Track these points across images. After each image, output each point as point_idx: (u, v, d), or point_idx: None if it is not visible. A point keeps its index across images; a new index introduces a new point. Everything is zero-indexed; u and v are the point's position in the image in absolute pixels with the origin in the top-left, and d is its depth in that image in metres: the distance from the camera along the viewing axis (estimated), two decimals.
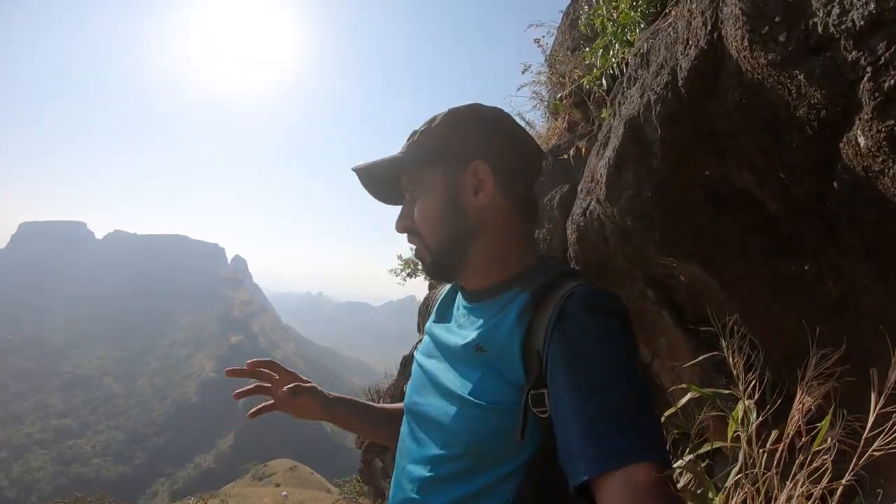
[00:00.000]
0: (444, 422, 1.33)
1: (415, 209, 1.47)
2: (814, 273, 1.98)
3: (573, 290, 1.25)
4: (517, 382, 1.24)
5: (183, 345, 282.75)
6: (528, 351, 1.24)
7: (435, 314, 1.65)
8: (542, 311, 1.26)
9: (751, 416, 2.16)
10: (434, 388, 1.43)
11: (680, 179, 2.08)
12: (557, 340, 1.19)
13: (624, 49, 3.59)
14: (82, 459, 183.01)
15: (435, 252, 1.46)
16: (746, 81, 1.59)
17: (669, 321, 3.13)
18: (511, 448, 1.23)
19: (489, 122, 1.47)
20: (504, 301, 1.38)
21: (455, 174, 1.43)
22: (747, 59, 1.49)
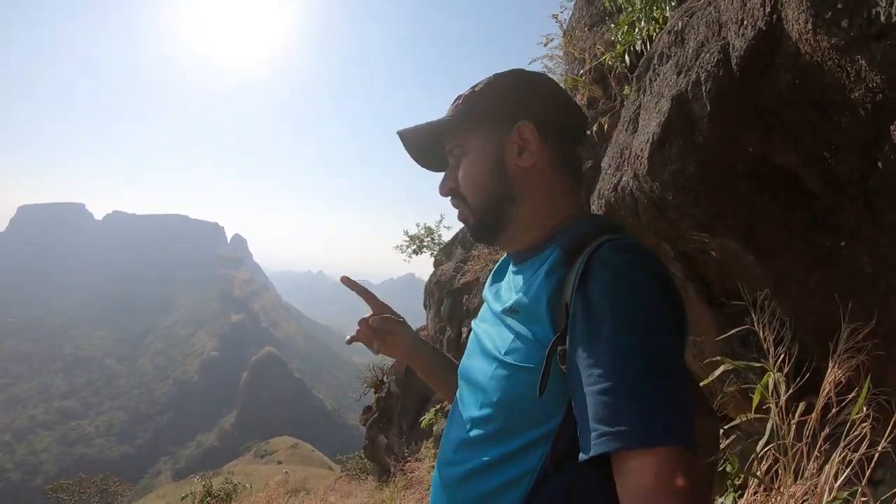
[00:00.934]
0: (482, 382, 1.35)
1: (458, 172, 1.48)
2: (850, 249, 2.02)
3: (602, 242, 1.22)
4: (545, 339, 1.21)
5: (184, 324, 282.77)
6: (557, 306, 1.22)
7: (490, 279, 1.67)
8: (575, 264, 1.23)
9: (780, 389, 2.20)
10: (479, 350, 1.44)
11: (724, 156, 2.12)
12: (581, 293, 1.16)
13: (650, 26, 3.61)
14: (86, 440, 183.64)
15: (479, 214, 1.47)
16: (803, 63, 1.64)
17: (694, 296, 3.16)
18: (539, 411, 1.22)
19: (533, 84, 1.48)
20: (540, 260, 1.36)
21: (499, 135, 1.44)
22: (808, 42, 1.53)
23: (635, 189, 2.75)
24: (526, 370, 1.23)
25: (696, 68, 2.12)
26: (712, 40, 2.13)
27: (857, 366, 1.96)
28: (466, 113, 1.46)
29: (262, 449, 66.98)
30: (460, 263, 11.45)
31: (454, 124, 1.48)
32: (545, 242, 1.41)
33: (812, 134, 1.84)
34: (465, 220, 1.52)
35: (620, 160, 3.08)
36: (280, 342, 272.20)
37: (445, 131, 1.51)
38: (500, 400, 1.28)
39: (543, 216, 1.44)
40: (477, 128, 1.46)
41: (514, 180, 1.43)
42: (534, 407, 1.21)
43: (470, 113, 1.46)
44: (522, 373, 1.24)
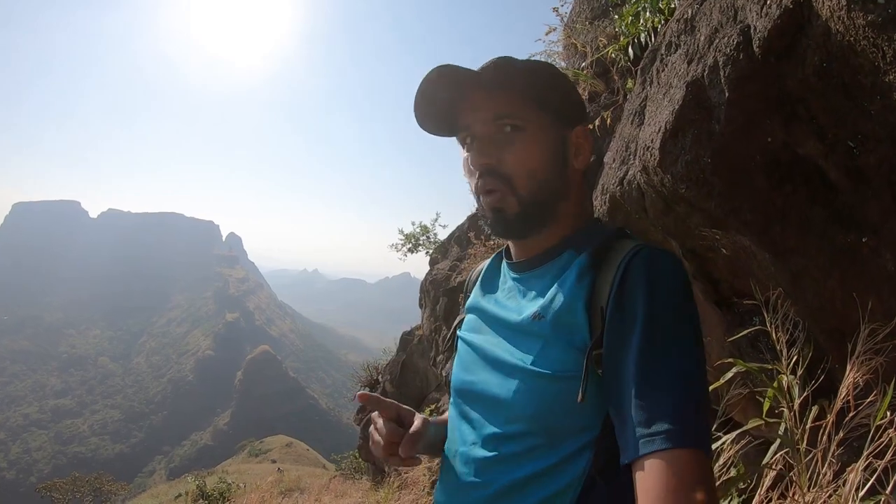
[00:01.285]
0: (504, 397, 1.26)
1: (507, 150, 1.32)
2: (872, 245, 1.94)
3: (638, 248, 1.20)
4: (582, 344, 1.18)
5: (179, 323, 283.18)
6: (593, 309, 1.19)
7: (480, 289, 1.57)
8: (606, 269, 1.21)
9: (794, 392, 2.14)
10: (488, 363, 1.36)
11: (741, 146, 2.03)
12: (621, 297, 1.15)
13: (655, 17, 3.53)
14: (80, 439, 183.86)
15: (527, 203, 1.32)
16: (833, 44, 1.55)
17: (700, 295, 3.09)
18: (576, 420, 1.18)
19: (577, 90, 1.43)
20: (557, 266, 1.33)
21: (565, 130, 1.38)
22: (842, 20, 1.44)
23: (643, 183, 2.67)
24: (562, 378, 1.18)
25: (713, 53, 2.02)
26: (728, 25, 2.04)
27: (876, 368, 1.89)
28: (536, 86, 1.34)
29: (257, 448, 66.95)
30: (456, 262, 11.38)
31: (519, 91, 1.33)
32: (558, 247, 1.37)
33: (838, 122, 1.75)
34: (499, 206, 1.34)
35: (626, 154, 3.01)
36: (275, 341, 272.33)
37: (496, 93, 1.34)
38: (535, 413, 1.21)
39: (572, 220, 1.40)
40: (539, 111, 1.35)
41: (566, 180, 1.38)
42: (574, 415, 1.18)
43: (540, 88, 1.34)
44: (559, 382, 1.19)
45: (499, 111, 1.32)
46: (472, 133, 1.37)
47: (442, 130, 1.47)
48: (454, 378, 1.48)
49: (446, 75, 1.33)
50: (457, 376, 1.46)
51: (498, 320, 1.40)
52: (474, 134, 1.36)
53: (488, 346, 1.38)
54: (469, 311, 1.57)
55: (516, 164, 1.32)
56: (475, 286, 1.62)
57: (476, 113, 1.35)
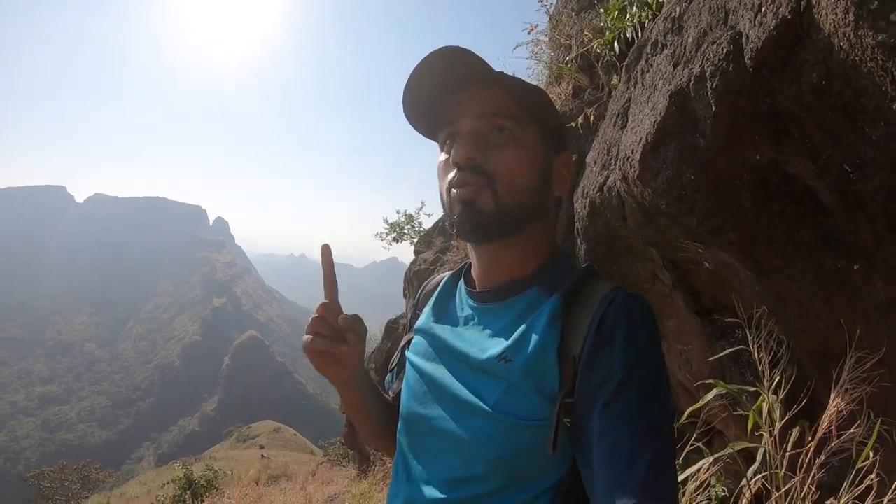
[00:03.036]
0: (463, 437, 1.21)
1: (499, 150, 1.27)
2: (863, 272, 1.84)
3: (613, 296, 1.18)
4: (550, 393, 1.15)
5: (166, 308, 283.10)
6: (564, 357, 1.16)
7: (432, 312, 1.47)
8: (577, 314, 1.19)
9: (775, 415, 2.11)
10: (443, 398, 1.29)
11: (727, 162, 1.90)
12: (598, 349, 1.12)
13: (642, 12, 3.42)
14: (68, 426, 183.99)
15: (504, 206, 1.26)
16: (834, 61, 1.40)
17: (681, 305, 3.01)
18: (542, 465, 1.16)
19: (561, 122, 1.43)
20: (523, 303, 1.28)
21: (552, 151, 1.36)
22: (847, 38, 1.28)
23: (623, 192, 2.56)
24: (526, 427, 1.16)
25: (700, 61, 1.88)
26: (717, 29, 1.90)
27: (861, 398, 1.85)
28: (531, 97, 1.31)
29: (245, 433, 67.07)
30: (439, 254, 11.30)
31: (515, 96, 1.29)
32: (523, 283, 1.32)
33: (834, 144, 1.61)
34: (472, 198, 1.26)
35: (607, 158, 2.88)
36: (262, 326, 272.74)
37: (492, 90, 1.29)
38: (498, 457, 1.17)
39: (543, 247, 1.38)
40: (531, 124, 1.32)
41: (543, 200, 1.35)
42: (540, 462, 1.15)
43: (533, 101, 1.32)
44: (523, 429, 1.16)
45: (494, 109, 1.28)
46: (459, 129, 1.30)
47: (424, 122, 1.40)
48: (404, 408, 1.39)
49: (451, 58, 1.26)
50: (408, 407, 1.38)
51: (454, 352, 1.31)
52: (461, 130, 1.29)
53: (442, 378, 1.31)
54: (418, 332, 1.46)
55: (502, 165, 1.26)
56: (427, 305, 1.51)
57: (468, 107, 1.30)
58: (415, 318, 1.56)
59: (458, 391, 1.25)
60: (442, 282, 1.54)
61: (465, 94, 1.30)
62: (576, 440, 1.12)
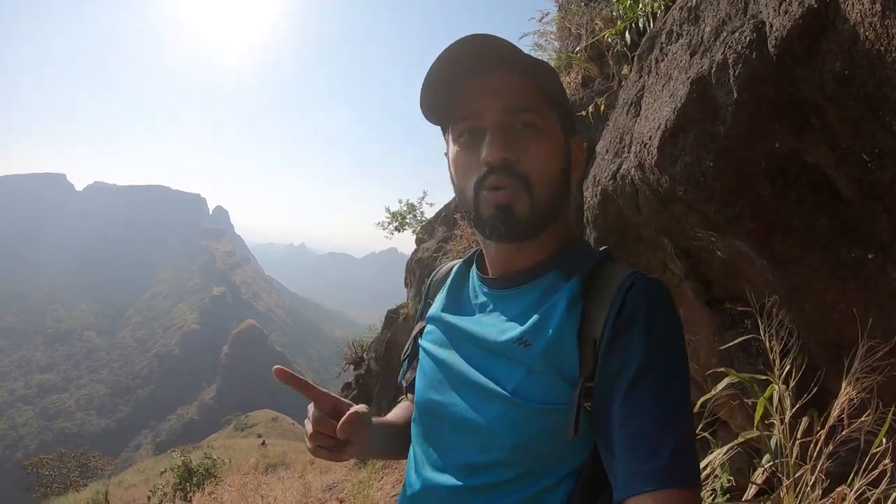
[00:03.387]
0: (480, 423, 1.18)
1: (531, 148, 1.21)
2: (878, 262, 1.85)
3: (633, 280, 1.14)
4: (571, 377, 1.12)
5: (165, 297, 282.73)
6: (585, 341, 1.12)
7: (445, 299, 1.43)
8: (597, 298, 1.15)
9: (785, 404, 2.11)
10: (459, 384, 1.26)
11: (746, 150, 1.91)
12: (619, 333, 1.09)
13: (654, 2, 3.42)
14: (66, 414, 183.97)
15: (539, 209, 1.21)
16: (859, 51, 1.41)
17: (691, 294, 3.02)
18: (563, 450, 1.13)
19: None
20: (541, 288, 1.24)
21: (569, 139, 1.30)
22: (873, 27, 1.29)
23: (637, 179, 2.56)
24: (546, 411, 1.12)
25: (722, 48, 1.89)
26: (736, 18, 1.90)
27: (872, 386, 1.85)
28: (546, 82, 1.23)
29: (243, 422, 66.87)
30: (442, 243, 11.28)
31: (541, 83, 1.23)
32: (539, 268, 1.28)
33: (854, 134, 1.63)
34: (509, 203, 1.19)
35: (620, 146, 2.89)
36: (261, 315, 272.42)
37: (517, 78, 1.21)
38: (517, 444, 1.14)
39: (562, 233, 1.32)
40: (551, 110, 1.25)
41: (566, 192, 1.30)
42: (561, 447, 1.13)
43: (549, 87, 1.24)
44: (543, 413, 1.12)
45: (520, 102, 1.20)
46: (485, 123, 1.21)
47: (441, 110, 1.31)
48: (420, 395, 1.36)
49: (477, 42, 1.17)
50: (424, 394, 1.35)
51: (471, 338, 1.28)
52: (488, 125, 1.21)
53: (459, 365, 1.28)
54: (431, 321, 1.43)
55: (536, 166, 1.20)
56: (440, 294, 1.48)
57: (492, 99, 1.21)
58: (426, 307, 1.54)
59: (476, 377, 1.23)
60: (453, 270, 1.51)
61: (487, 80, 1.22)
62: (597, 425, 1.10)
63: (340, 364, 16.41)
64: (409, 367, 1.54)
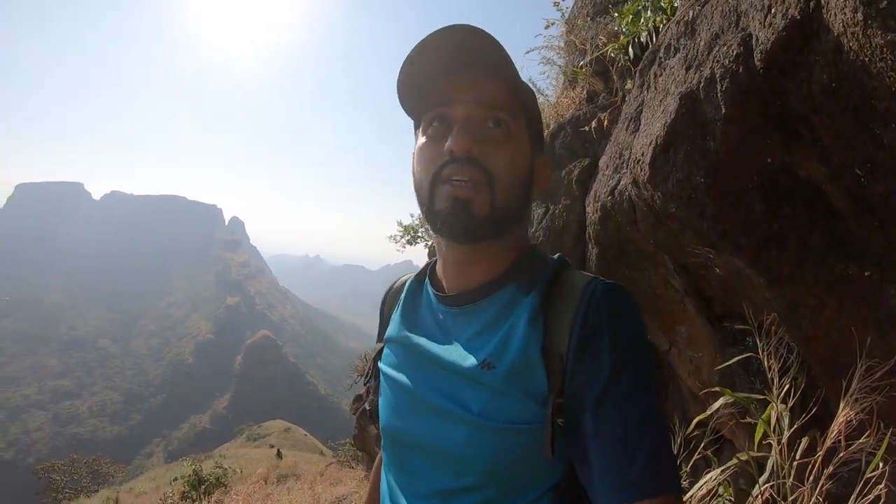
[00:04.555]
0: (449, 449, 1.15)
1: (497, 146, 1.17)
2: (875, 279, 1.82)
3: (594, 288, 1.11)
4: (539, 395, 1.09)
5: (179, 306, 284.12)
6: (551, 356, 1.10)
7: (401, 319, 1.38)
8: (559, 310, 1.13)
9: (783, 424, 2.08)
10: (423, 409, 1.21)
11: (737, 165, 1.89)
12: (586, 345, 1.07)
13: (656, 16, 3.41)
14: (79, 420, 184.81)
15: (498, 209, 1.16)
16: (844, 62, 1.38)
17: (692, 311, 2.99)
18: (538, 469, 1.11)
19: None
20: (500, 302, 1.20)
21: (536, 151, 1.27)
22: (856, 37, 1.27)
23: (634, 195, 2.55)
24: (516, 431, 1.10)
25: (710, 63, 1.87)
26: (728, 32, 1.88)
27: (871, 407, 1.81)
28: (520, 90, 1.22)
29: (255, 432, 67.03)
30: None
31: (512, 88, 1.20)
32: (496, 283, 1.23)
33: (845, 146, 1.59)
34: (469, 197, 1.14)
35: (619, 161, 2.87)
36: (275, 325, 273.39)
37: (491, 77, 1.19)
38: (489, 467, 1.11)
39: (512, 244, 1.27)
40: (524, 122, 1.23)
41: (527, 202, 1.28)
42: (536, 466, 1.11)
43: (522, 95, 1.23)
44: (513, 435, 1.10)
45: (493, 98, 1.18)
46: (454, 114, 1.18)
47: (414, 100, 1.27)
48: (384, 421, 1.32)
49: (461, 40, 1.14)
50: (388, 421, 1.31)
51: (432, 359, 1.24)
52: (456, 116, 1.18)
53: (422, 390, 1.23)
54: (389, 342, 1.39)
55: (502, 164, 1.16)
56: (395, 313, 1.43)
57: (466, 92, 1.18)
58: (383, 328, 1.49)
59: (439, 401, 1.19)
60: (406, 286, 1.47)
61: (465, 76, 1.19)
62: (571, 439, 1.07)
63: (352, 376, 16.45)
64: (371, 392, 1.48)
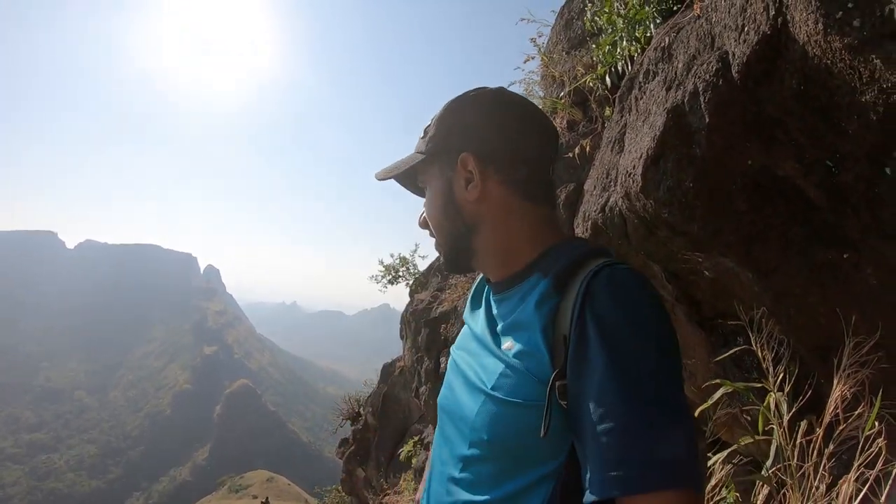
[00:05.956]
0: (469, 417, 1.25)
1: (426, 202, 1.47)
2: (853, 261, 1.98)
3: (598, 268, 1.15)
4: (543, 375, 1.13)
5: (157, 356, 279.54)
6: (556, 337, 1.14)
7: (469, 303, 1.58)
8: (569, 293, 1.16)
9: (782, 409, 2.17)
10: (462, 381, 1.35)
11: (722, 169, 2.08)
12: (583, 323, 1.09)
13: (631, 46, 3.58)
14: (56, 474, 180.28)
15: (443, 247, 1.45)
16: (810, 67, 1.60)
17: (683, 318, 3.12)
18: (538, 449, 1.14)
19: (482, 109, 1.39)
20: (525, 290, 1.30)
21: (449, 169, 1.39)
22: (818, 44, 1.49)
23: (625, 209, 2.71)
24: (519, 406, 1.15)
25: (692, 79, 2.08)
26: (705, 52, 2.11)
27: (863, 381, 1.93)
28: (423, 147, 1.43)
29: (237, 483, 66.10)
30: (437, 292, 11.33)
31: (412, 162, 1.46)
32: (526, 271, 1.34)
33: (816, 142, 1.80)
34: (438, 252, 1.49)
35: (607, 181, 3.05)
36: (254, 374, 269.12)
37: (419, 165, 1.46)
38: (492, 439, 1.19)
39: (507, 245, 1.38)
40: (433, 162, 1.42)
41: (466, 213, 1.38)
42: (535, 445, 1.13)
43: (425, 148, 1.43)
44: (516, 409, 1.16)
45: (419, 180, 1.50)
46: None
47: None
48: (440, 395, 1.47)
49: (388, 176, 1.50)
50: (441, 393, 1.46)
51: (476, 338, 1.40)
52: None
53: (464, 363, 1.38)
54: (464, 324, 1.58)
55: (429, 218, 1.47)
56: (469, 299, 1.62)
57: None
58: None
59: (469, 374, 1.31)
60: (479, 278, 1.64)
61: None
62: (572, 423, 1.10)
63: (337, 420, 16.31)
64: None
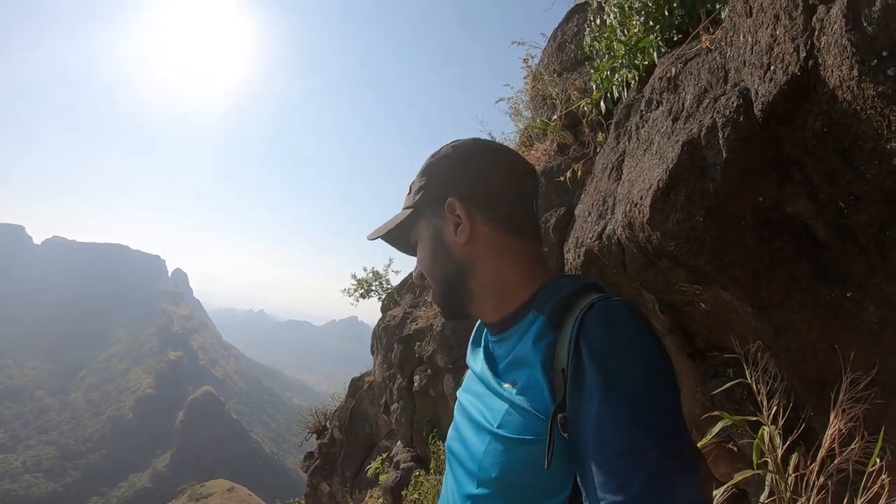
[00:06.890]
0: (477, 457, 1.26)
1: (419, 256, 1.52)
2: (857, 299, 2.00)
3: (592, 303, 1.17)
4: (545, 410, 1.15)
5: (120, 359, 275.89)
6: (554, 371, 1.16)
7: (470, 347, 1.61)
8: (564, 329, 1.18)
9: (776, 442, 2.21)
10: (468, 423, 1.37)
11: (734, 204, 2.09)
12: (579, 356, 1.11)
13: (629, 73, 3.59)
14: (12, 475, 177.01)
15: (439, 296, 1.50)
16: (836, 111, 1.62)
17: (674, 349, 3.13)
18: (544, 484, 1.15)
19: (462, 156, 1.47)
20: (522, 328, 1.32)
21: (437, 218, 1.45)
22: (850, 90, 1.51)
23: (624, 238, 2.70)
24: (525, 443, 1.17)
25: (711, 113, 2.09)
26: (718, 86, 2.11)
27: (858, 416, 1.96)
28: (411, 203, 1.50)
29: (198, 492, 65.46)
30: (411, 309, 11.28)
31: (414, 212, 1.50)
32: (522, 310, 1.36)
33: (832, 184, 1.82)
34: (435, 303, 1.58)
35: (603, 208, 3.05)
36: (219, 382, 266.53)
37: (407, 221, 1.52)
38: (499, 476, 1.20)
39: (501, 284, 1.41)
40: (421, 215, 1.48)
41: (458, 258, 1.42)
42: (539, 480, 1.15)
43: (414, 202, 1.49)
44: (522, 446, 1.17)
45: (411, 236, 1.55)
46: None
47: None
48: (447, 436, 1.50)
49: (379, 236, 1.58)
50: (449, 434, 1.49)
51: (478, 379, 1.42)
52: None
53: (469, 405, 1.40)
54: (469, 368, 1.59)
55: (423, 269, 1.52)
56: (469, 342, 1.64)
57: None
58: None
59: (476, 414, 1.33)
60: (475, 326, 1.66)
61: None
62: (574, 455, 1.10)
63: (302, 433, 16.20)
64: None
